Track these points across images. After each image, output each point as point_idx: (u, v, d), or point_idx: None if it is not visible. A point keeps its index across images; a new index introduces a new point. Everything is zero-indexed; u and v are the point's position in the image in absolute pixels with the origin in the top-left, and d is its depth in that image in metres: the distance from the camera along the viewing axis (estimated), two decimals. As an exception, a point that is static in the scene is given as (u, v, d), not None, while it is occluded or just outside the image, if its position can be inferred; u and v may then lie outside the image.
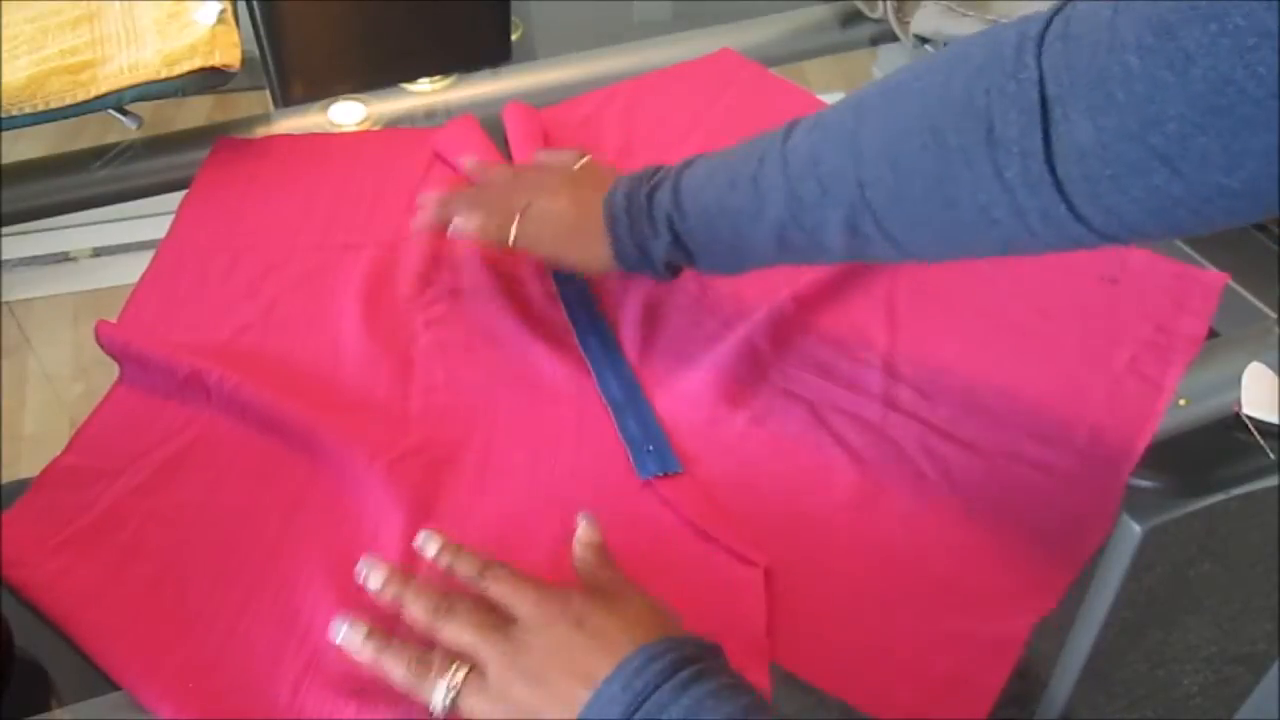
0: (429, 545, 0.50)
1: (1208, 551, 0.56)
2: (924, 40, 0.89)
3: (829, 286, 0.67)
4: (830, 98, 0.87)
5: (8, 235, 0.75)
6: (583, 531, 0.50)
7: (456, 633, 0.46)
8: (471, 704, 0.44)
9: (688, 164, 0.59)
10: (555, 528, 0.54)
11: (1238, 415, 0.60)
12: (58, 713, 0.48)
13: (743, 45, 0.92)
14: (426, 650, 0.46)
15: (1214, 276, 0.68)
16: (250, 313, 0.66)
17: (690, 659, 0.43)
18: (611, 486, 0.56)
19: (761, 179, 0.53)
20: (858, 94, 0.50)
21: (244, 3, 0.82)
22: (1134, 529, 0.55)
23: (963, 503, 0.55)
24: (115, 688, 0.48)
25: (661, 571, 0.52)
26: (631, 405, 0.60)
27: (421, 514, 0.55)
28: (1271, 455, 0.58)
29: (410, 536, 0.53)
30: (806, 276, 0.67)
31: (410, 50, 0.87)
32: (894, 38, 0.91)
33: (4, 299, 0.77)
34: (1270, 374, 0.62)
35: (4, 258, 0.76)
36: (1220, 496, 0.57)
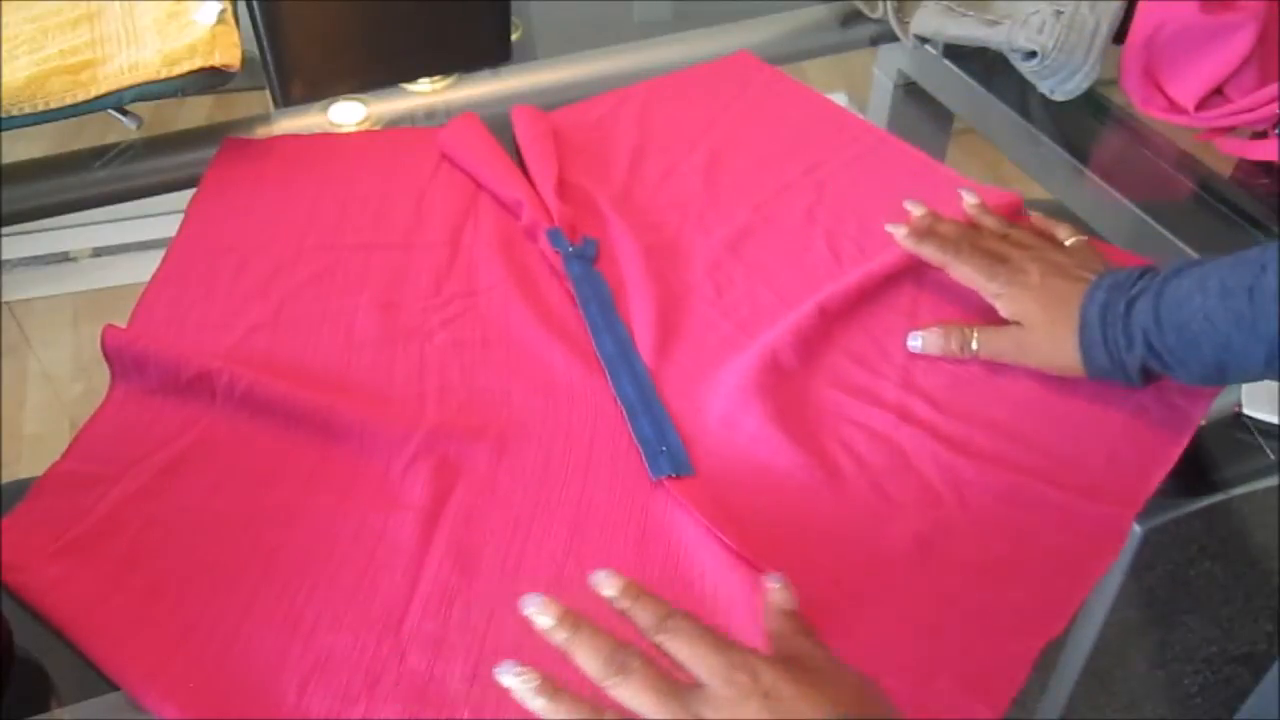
0: (606, 586, 0.45)
1: (1208, 551, 0.56)
2: (924, 40, 0.89)
3: (854, 298, 0.67)
4: (831, 98, 0.87)
5: (8, 235, 0.75)
6: (776, 597, 0.47)
7: (630, 696, 0.42)
8: None
9: (1174, 273, 0.56)
10: (567, 528, 0.54)
11: (1238, 415, 0.60)
12: (58, 713, 0.48)
13: (743, 45, 0.92)
14: (600, 708, 0.42)
15: None
16: (261, 313, 0.66)
17: None
18: (624, 487, 0.56)
19: (1259, 290, 0.51)
20: None
21: (244, 3, 0.82)
22: (1134, 529, 0.55)
23: (972, 518, 0.55)
24: (115, 688, 0.48)
25: (672, 573, 0.53)
26: (645, 406, 0.60)
27: (431, 514, 0.55)
28: (1271, 455, 0.58)
29: (419, 537, 0.54)
30: (831, 288, 0.66)
31: (410, 50, 0.87)
32: (894, 38, 0.91)
33: (4, 299, 0.77)
34: (1270, 374, 0.62)
35: (4, 258, 0.76)
36: (1220, 496, 0.57)
